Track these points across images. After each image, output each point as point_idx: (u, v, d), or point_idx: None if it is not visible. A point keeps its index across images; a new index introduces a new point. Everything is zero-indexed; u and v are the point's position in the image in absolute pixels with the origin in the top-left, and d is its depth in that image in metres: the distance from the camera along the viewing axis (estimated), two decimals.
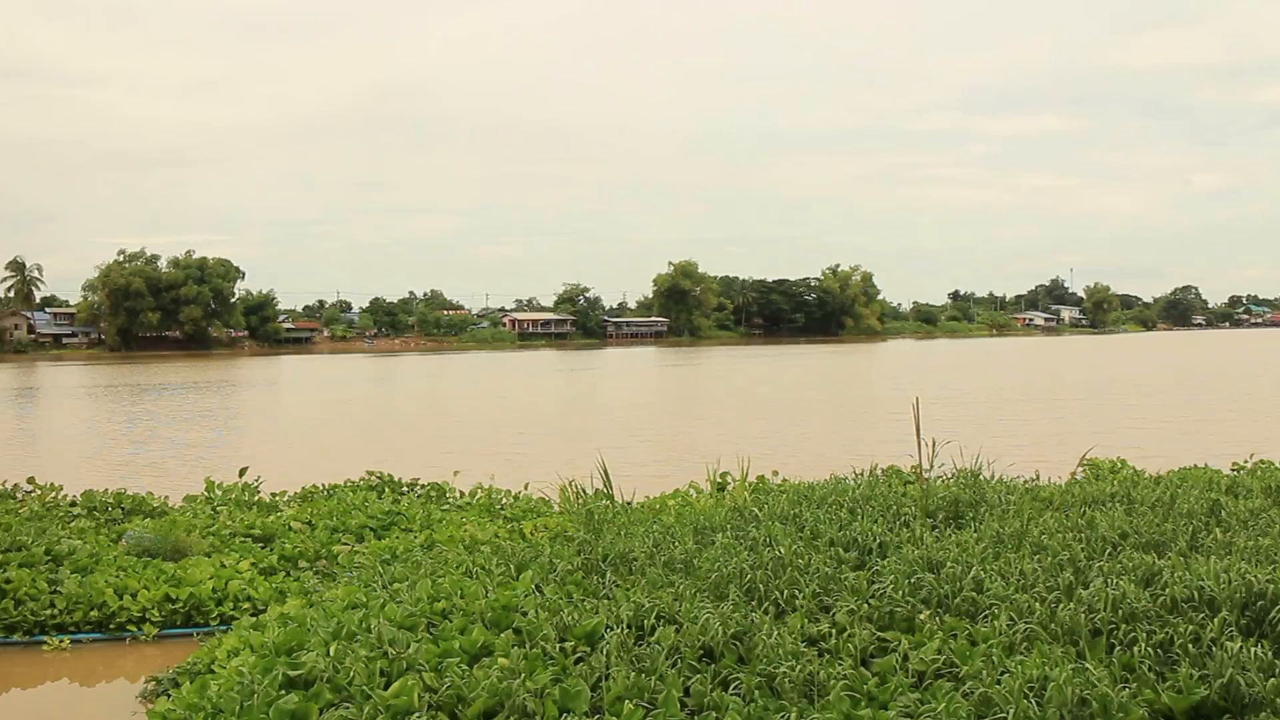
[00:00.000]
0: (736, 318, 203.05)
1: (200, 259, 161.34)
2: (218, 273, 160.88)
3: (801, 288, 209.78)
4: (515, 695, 6.53)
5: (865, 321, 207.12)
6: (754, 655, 7.22)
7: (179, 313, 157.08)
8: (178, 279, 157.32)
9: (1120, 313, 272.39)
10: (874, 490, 13.49)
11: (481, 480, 18.42)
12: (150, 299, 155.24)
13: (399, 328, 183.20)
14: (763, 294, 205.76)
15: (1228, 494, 12.91)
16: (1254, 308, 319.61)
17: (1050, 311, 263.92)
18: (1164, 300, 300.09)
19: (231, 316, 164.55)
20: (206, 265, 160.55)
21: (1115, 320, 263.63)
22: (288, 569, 12.84)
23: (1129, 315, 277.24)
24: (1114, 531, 10.37)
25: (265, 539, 14.36)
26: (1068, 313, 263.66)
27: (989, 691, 6.24)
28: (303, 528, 14.87)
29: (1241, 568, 8.29)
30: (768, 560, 9.44)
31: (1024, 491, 13.61)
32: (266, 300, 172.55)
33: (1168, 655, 7.07)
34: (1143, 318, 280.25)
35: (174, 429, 42.32)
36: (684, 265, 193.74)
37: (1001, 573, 8.94)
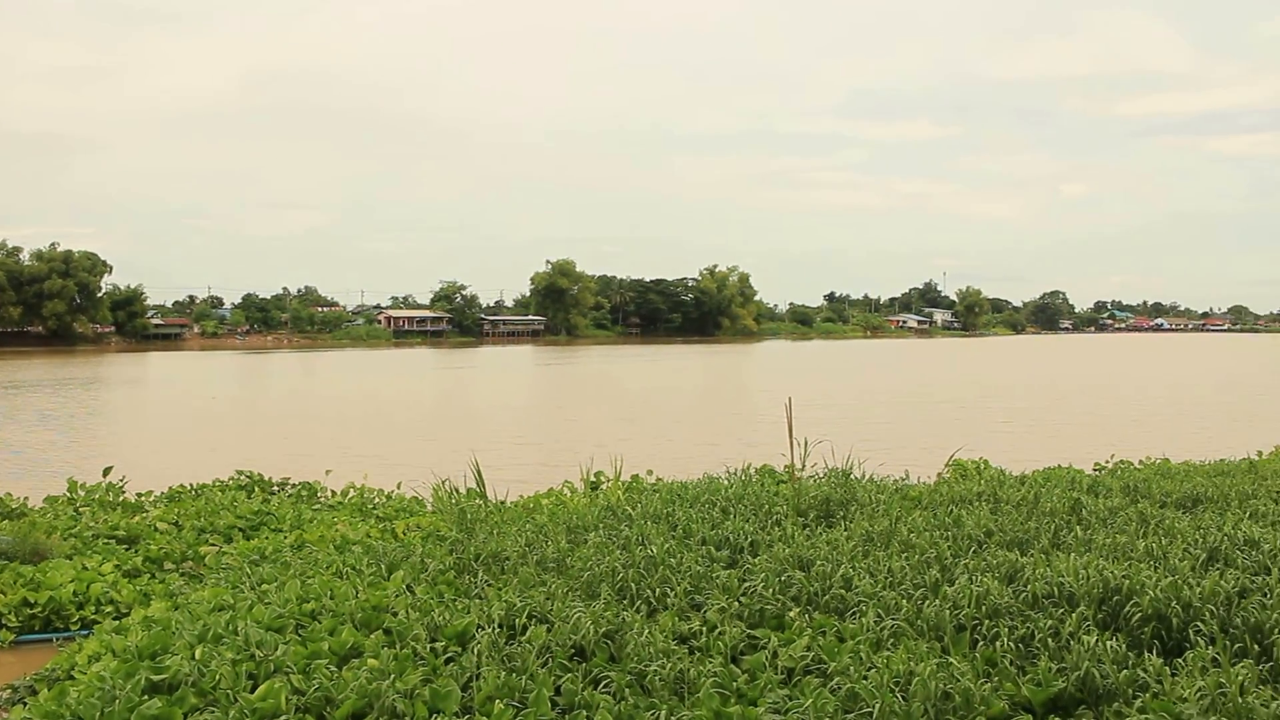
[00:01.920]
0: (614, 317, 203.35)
1: (65, 252, 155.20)
2: (84, 266, 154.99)
3: (679, 288, 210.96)
4: (384, 696, 6.44)
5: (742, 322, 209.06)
6: (625, 654, 7.23)
7: (42, 308, 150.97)
8: (41, 272, 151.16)
9: (991, 316, 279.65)
10: (746, 489, 13.63)
11: (354, 479, 18.13)
12: (11, 293, 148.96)
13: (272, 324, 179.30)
14: (640, 293, 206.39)
15: (1089, 493, 13.34)
16: (1118, 313, 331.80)
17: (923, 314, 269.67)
18: (1033, 304, 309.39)
19: (98, 312, 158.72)
20: (72, 258, 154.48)
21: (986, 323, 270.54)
22: (153, 571, 12.46)
23: (999, 319, 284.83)
24: (980, 530, 10.65)
25: (130, 540, 13.92)
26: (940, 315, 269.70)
27: (856, 687, 6.34)
28: (169, 529, 14.47)
29: (1099, 564, 8.60)
30: (640, 559, 9.47)
31: (894, 491, 13.90)
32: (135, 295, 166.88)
33: (1028, 649, 7.29)
34: (1012, 321, 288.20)
35: (26, 429, 40.79)
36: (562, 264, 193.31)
37: (870, 570, 9.12)
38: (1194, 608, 7.65)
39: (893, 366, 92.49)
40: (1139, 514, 11.49)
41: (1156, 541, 9.82)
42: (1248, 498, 12.94)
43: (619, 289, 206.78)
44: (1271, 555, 9.30)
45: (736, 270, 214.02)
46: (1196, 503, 12.77)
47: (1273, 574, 8.53)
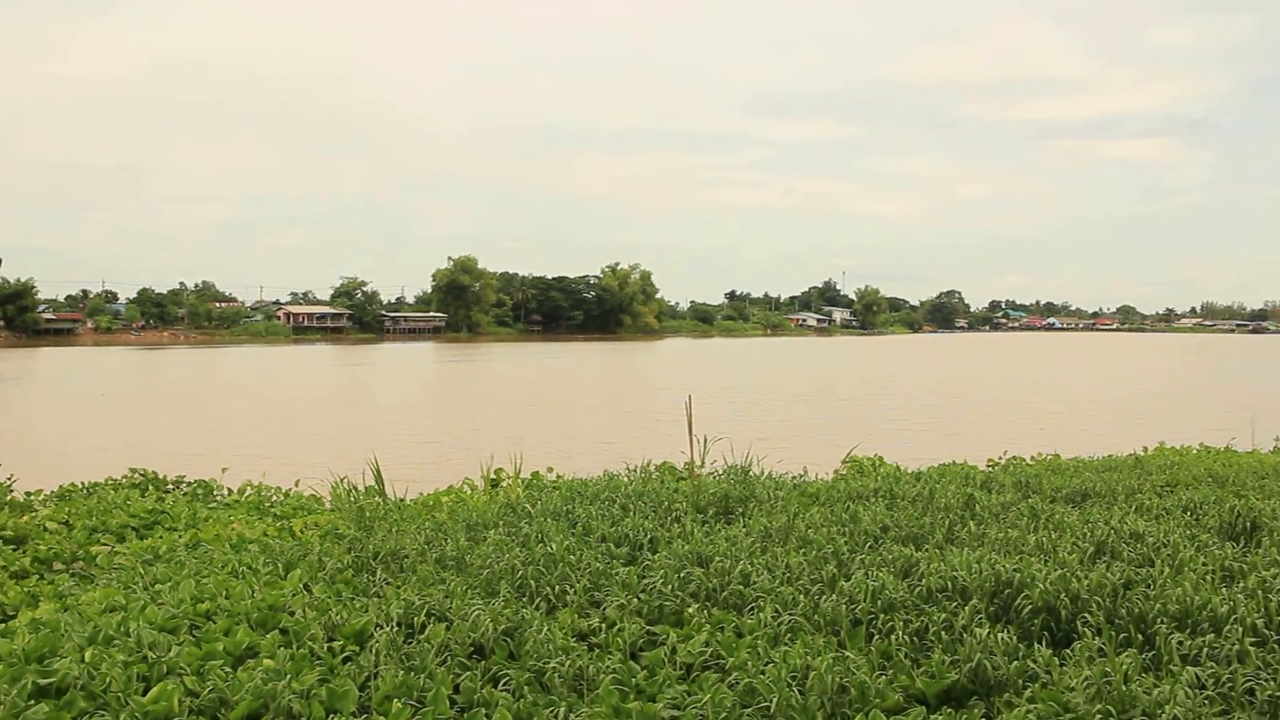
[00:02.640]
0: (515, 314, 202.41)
1: None
2: None
3: (581, 285, 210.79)
4: (280, 697, 6.33)
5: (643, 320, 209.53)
6: (524, 651, 7.20)
7: None
8: None
9: (889, 315, 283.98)
10: (646, 486, 13.66)
11: (251, 477, 17.82)
12: None
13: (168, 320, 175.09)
14: (542, 291, 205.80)
15: (982, 489, 13.61)
16: (1012, 312, 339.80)
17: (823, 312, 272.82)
18: (930, 304, 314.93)
19: None
20: None
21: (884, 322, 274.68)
22: (41, 572, 12.05)
23: (897, 317, 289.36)
24: (876, 525, 10.82)
25: (17, 540, 13.46)
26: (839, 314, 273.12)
27: (754, 681, 6.38)
28: (59, 528, 14.03)
29: (991, 558, 8.79)
30: (540, 556, 9.45)
31: (792, 487, 14.04)
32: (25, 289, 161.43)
33: (923, 642, 7.41)
34: (910, 320, 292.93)
35: None
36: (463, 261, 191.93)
37: (768, 566, 9.20)
38: (1082, 599, 7.85)
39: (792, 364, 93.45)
40: (1030, 509, 11.77)
41: (1047, 535, 10.07)
42: (1133, 492, 13.34)
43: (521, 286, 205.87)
44: (1155, 548, 9.60)
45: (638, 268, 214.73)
46: (1085, 497, 13.13)
47: (1156, 566, 8.80)
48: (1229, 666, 6.64)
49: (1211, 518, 11.18)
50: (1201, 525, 10.92)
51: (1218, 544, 9.85)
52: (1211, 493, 12.94)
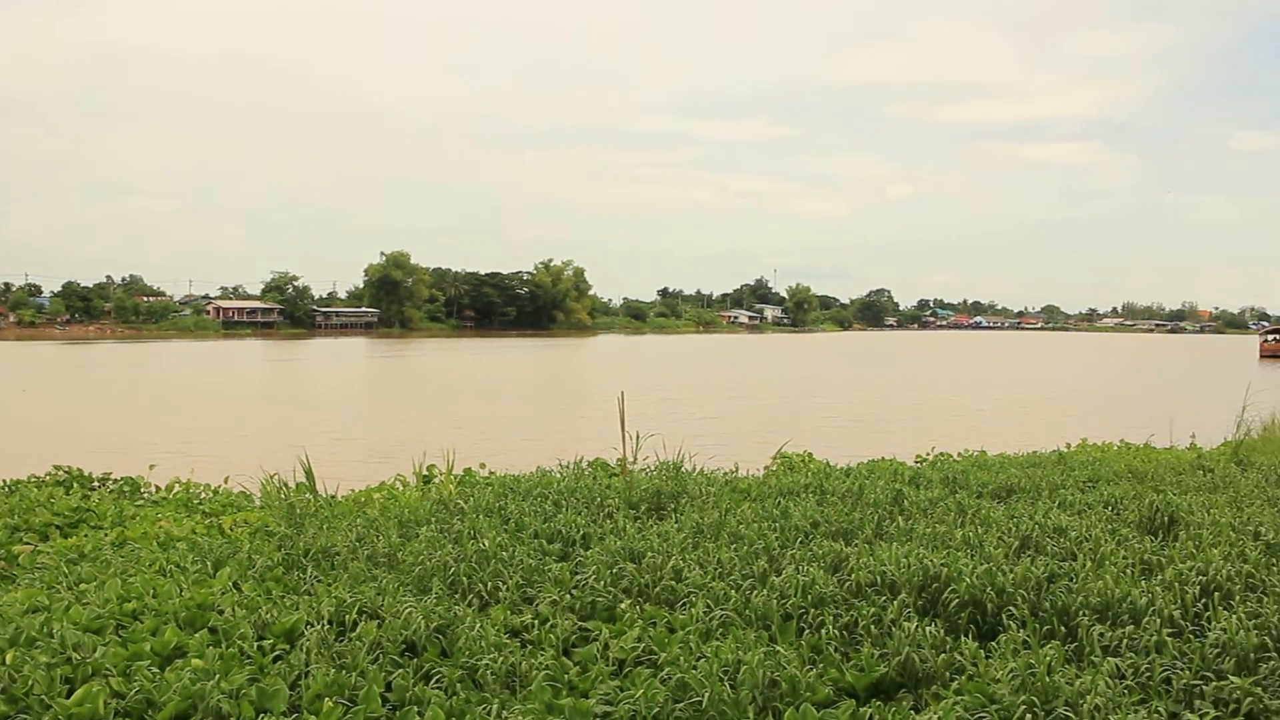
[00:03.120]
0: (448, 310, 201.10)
1: None
2: None
3: (514, 281, 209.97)
4: (209, 697, 6.26)
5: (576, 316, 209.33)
6: (457, 648, 7.19)
7: None
8: None
9: (819, 312, 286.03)
10: (579, 483, 13.70)
11: (179, 474, 17.53)
12: None
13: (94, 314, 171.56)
14: (475, 286, 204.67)
15: (910, 484, 13.81)
16: (940, 311, 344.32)
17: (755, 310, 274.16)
18: (860, 302, 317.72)
19: None
20: None
21: (815, 320, 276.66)
22: None
23: (827, 315, 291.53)
24: (806, 521, 10.93)
25: None
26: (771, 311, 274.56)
27: (686, 676, 6.42)
28: None
29: (919, 553, 8.93)
30: (472, 553, 9.44)
31: (723, 483, 14.15)
32: None
33: (852, 636, 7.52)
34: (840, 318, 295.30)
35: None
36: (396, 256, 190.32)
37: (700, 561, 9.27)
38: (1007, 593, 8.01)
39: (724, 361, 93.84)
40: (957, 504, 11.96)
41: (973, 530, 10.24)
42: (1057, 487, 13.61)
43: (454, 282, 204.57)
44: (1078, 542, 9.82)
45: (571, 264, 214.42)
46: (1010, 493, 13.36)
47: (1079, 560, 9.01)
48: (1147, 657, 6.82)
49: (1131, 512, 11.45)
50: (1122, 520, 11.19)
51: (1137, 538, 10.10)
52: (1131, 488, 13.24)
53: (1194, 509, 11.53)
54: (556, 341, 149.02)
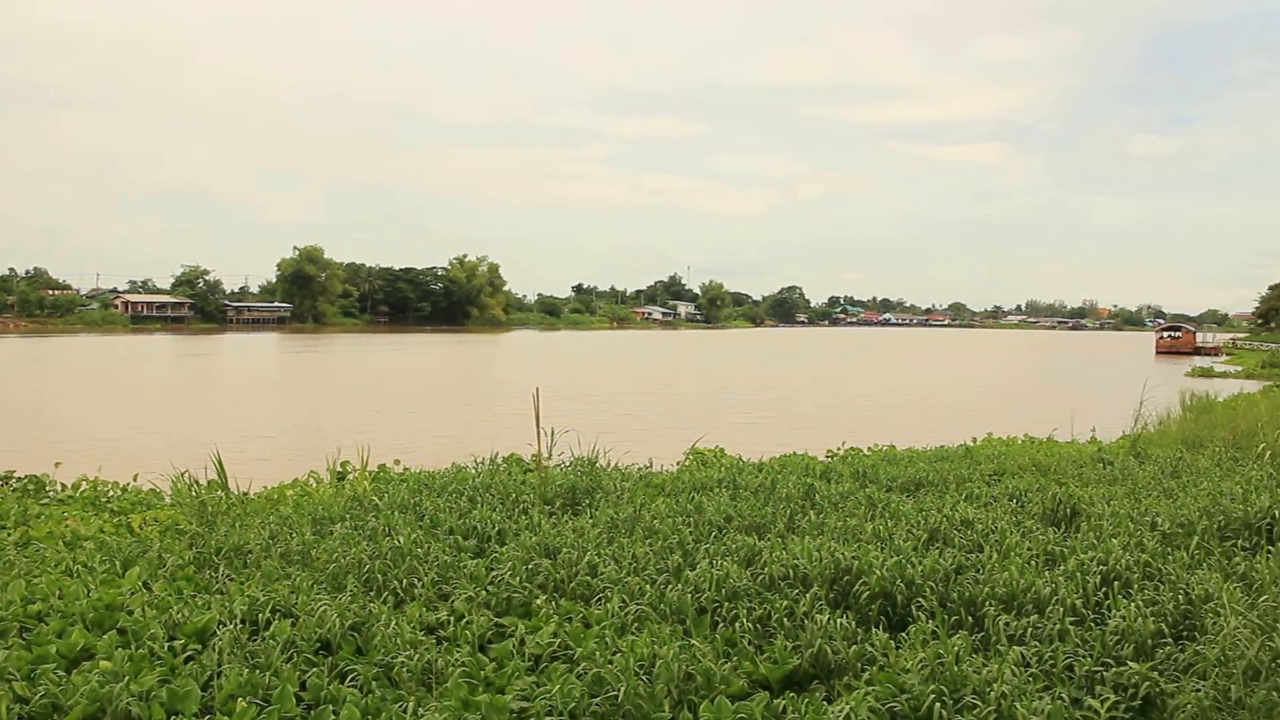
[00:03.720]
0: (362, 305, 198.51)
1: None
2: None
3: (429, 277, 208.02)
4: (118, 700, 6.17)
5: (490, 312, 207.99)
6: (372, 646, 7.17)
7: None
8: None
9: (732, 309, 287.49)
10: (494, 479, 13.67)
11: (86, 472, 17.16)
12: None
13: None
14: (389, 282, 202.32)
15: (822, 479, 13.99)
16: (850, 308, 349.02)
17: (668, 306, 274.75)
18: (771, 299, 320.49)
19: None
20: None
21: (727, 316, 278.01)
22: None
23: (740, 312, 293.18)
24: (720, 515, 11.04)
25: None
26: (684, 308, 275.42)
27: (602, 671, 6.47)
28: None
29: (831, 546, 9.08)
30: (387, 550, 9.41)
31: (638, 478, 14.22)
32: None
33: (766, 629, 7.64)
34: (752, 314, 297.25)
35: None
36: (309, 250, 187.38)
37: (615, 557, 9.33)
38: (916, 585, 8.19)
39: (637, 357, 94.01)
40: (867, 498, 12.15)
41: (883, 524, 10.43)
42: (964, 481, 13.89)
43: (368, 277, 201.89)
44: (984, 534, 10.05)
45: (486, 260, 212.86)
46: (919, 486, 13.61)
47: (985, 551, 9.21)
48: (1051, 645, 7.02)
49: (1035, 505, 11.73)
50: (1026, 512, 11.45)
51: (1041, 529, 10.37)
52: (1035, 481, 13.55)
53: (1095, 501, 11.86)
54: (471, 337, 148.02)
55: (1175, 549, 9.34)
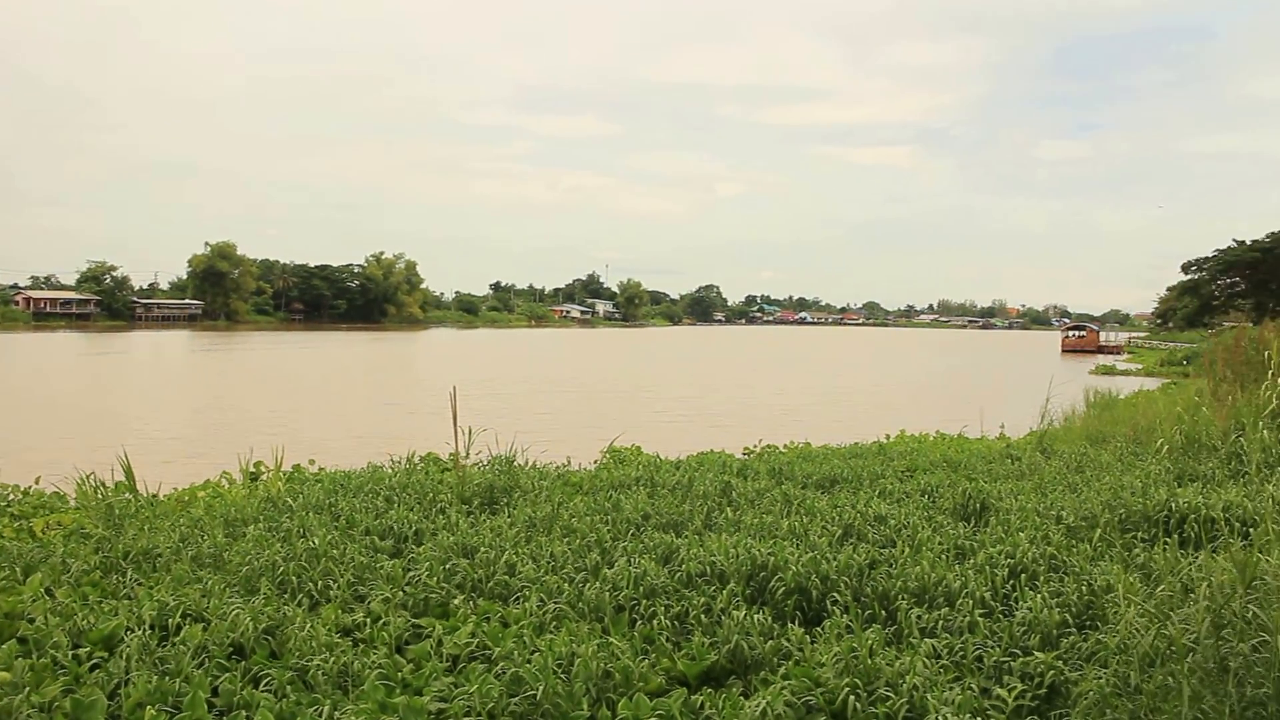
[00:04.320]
0: (276, 303, 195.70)
1: None
2: None
3: (345, 274, 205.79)
4: (18, 712, 6.02)
5: (408, 309, 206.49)
6: (287, 649, 7.09)
7: None
8: None
9: (650, 308, 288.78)
10: (411, 478, 13.61)
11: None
12: None
13: None
14: (304, 279, 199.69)
15: (738, 476, 14.10)
16: (767, 307, 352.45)
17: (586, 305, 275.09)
18: (689, 297, 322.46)
19: None
20: None
21: (645, 314, 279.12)
22: None
23: (658, 310, 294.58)
24: (638, 513, 11.08)
25: None
26: (602, 306, 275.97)
27: (520, 671, 6.46)
28: None
29: (748, 543, 9.16)
30: (301, 551, 9.31)
31: (556, 477, 14.23)
32: None
33: (683, 626, 7.70)
34: (670, 313, 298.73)
35: None
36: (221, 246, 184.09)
37: (533, 556, 9.34)
38: (831, 580, 8.31)
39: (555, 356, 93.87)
40: (783, 495, 12.28)
41: (799, 520, 10.55)
42: (878, 477, 14.08)
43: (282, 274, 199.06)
44: (897, 529, 10.21)
45: (403, 257, 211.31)
46: (834, 483, 13.77)
47: (898, 546, 9.38)
48: (961, 637, 7.17)
49: (946, 500, 11.94)
50: (938, 507, 11.66)
51: (952, 524, 10.56)
52: (946, 477, 13.79)
53: (1003, 496, 12.09)
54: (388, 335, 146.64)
55: (1079, 542, 9.57)
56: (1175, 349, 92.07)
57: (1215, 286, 69.46)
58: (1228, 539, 8.12)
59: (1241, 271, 67.08)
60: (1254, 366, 17.18)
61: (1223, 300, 69.85)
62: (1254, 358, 17.54)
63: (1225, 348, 20.04)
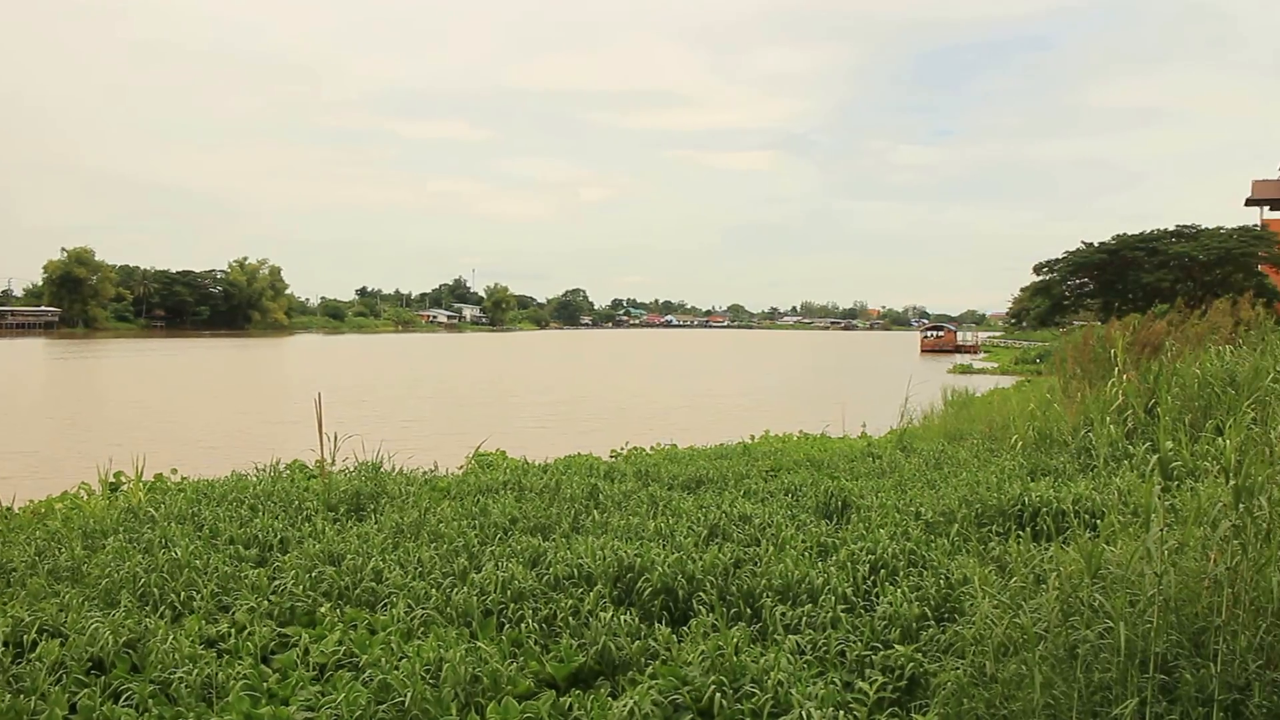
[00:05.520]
0: (137, 309, 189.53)
1: None
2: None
3: (207, 279, 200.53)
4: None
5: (273, 315, 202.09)
6: (149, 663, 6.96)
7: None
8: None
9: (517, 312, 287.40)
10: (276, 486, 13.42)
11: None
12: None
13: None
14: (166, 285, 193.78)
15: (605, 479, 14.18)
16: (633, 310, 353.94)
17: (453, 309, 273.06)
18: (556, 301, 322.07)
19: None
20: None
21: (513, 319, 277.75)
22: None
23: (525, 314, 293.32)
24: (505, 517, 11.11)
25: None
26: (469, 311, 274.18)
27: (388, 677, 6.45)
28: None
29: (615, 545, 9.25)
30: (164, 562, 9.13)
31: (423, 482, 14.16)
32: None
33: (552, 628, 7.76)
34: (537, 317, 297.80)
35: None
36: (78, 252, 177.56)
37: (401, 561, 9.30)
38: (697, 579, 8.44)
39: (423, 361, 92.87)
40: (650, 496, 12.40)
41: (665, 521, 10.67)
42: (742, 477, 14.31)
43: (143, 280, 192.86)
44: (761, 528, 10.40)
45: (267, 263, 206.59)
46: (699, 484, 13.96)
47: (762, 545, 9.55)
48: (824, 632, 7.36)
49: (809, 498, 12.20)
50: (801, 506, 11.90)
51: (815, 522, 10.79)
52: (809, 476, 14.07)
53: (864, 493, 12.41)
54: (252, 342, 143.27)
55: (937, 537, 9.87)
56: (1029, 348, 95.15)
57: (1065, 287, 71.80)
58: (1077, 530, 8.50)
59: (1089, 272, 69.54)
60: (1101, 364, 17.87)
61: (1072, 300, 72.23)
62: (1101, 355, 18.25)
63: (1074, 346, 20.83)
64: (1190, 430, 12.98)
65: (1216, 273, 61.04)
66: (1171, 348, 17.18)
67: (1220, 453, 6.62)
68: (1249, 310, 22.53)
